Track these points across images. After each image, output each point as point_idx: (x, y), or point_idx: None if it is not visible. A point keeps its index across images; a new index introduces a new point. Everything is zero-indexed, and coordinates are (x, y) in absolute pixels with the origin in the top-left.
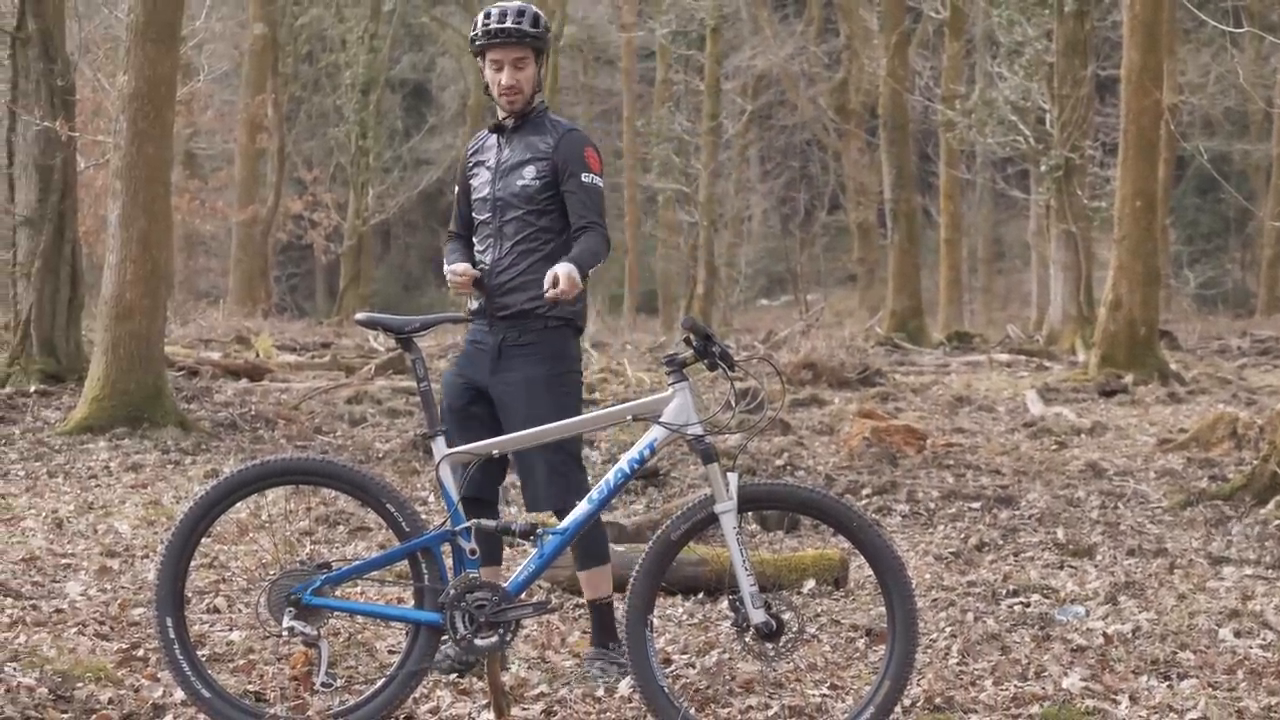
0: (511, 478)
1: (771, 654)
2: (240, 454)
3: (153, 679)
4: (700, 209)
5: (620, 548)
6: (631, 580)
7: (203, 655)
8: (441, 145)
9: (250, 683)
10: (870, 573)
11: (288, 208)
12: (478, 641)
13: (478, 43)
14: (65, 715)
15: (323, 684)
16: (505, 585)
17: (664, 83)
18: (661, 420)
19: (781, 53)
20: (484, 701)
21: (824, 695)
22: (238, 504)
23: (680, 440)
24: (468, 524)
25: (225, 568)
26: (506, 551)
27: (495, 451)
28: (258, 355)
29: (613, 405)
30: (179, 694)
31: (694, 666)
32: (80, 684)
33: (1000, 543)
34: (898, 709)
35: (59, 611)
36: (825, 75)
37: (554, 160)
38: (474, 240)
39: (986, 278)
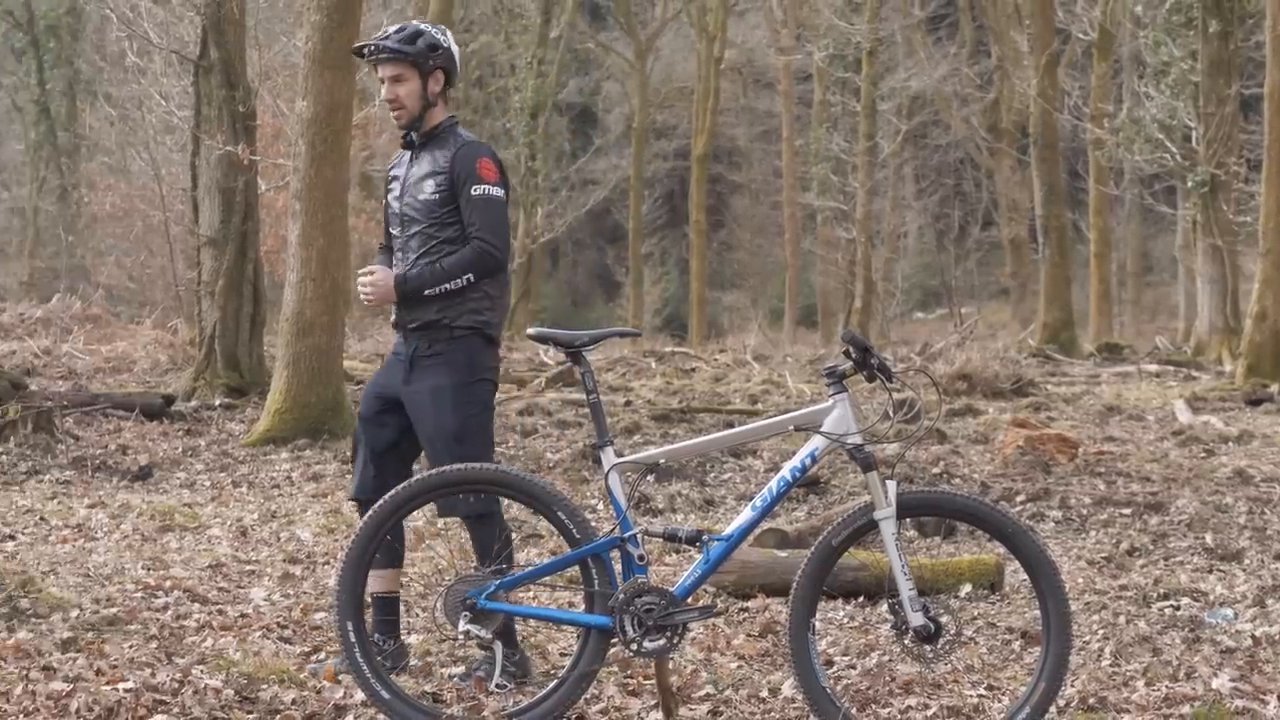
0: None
1: (930, 656)
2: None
3: (334, 681)
4: (858, 226)
5: (783, 553)
6: (795, 585)
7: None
8: (607, 166)
9: (428, 684)
10: (1025, 577)
11: None
12: (646, 644)
13: (367, 61)
14: (250, 716)
15: (497, 685)
16: (673, 590)
17: (821, 104)
18: (822, 430)
19: (935, 74)
20: (652, 702)
21: (981, 696)
22: (415, 512)
23: (840, 449)
24: (636, 530)
25: (403, 573)
26: (673, 557)
27: (663, 460)
28: None
29: (775, 416)
30: (359, 695)
31: (855, 668)
32: (264, 686)
33: (1150, 548)
34: (1052, 709)
35: (244, 616)
36: (977, 96)
37: (450, 173)
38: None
39: (1135, 290)
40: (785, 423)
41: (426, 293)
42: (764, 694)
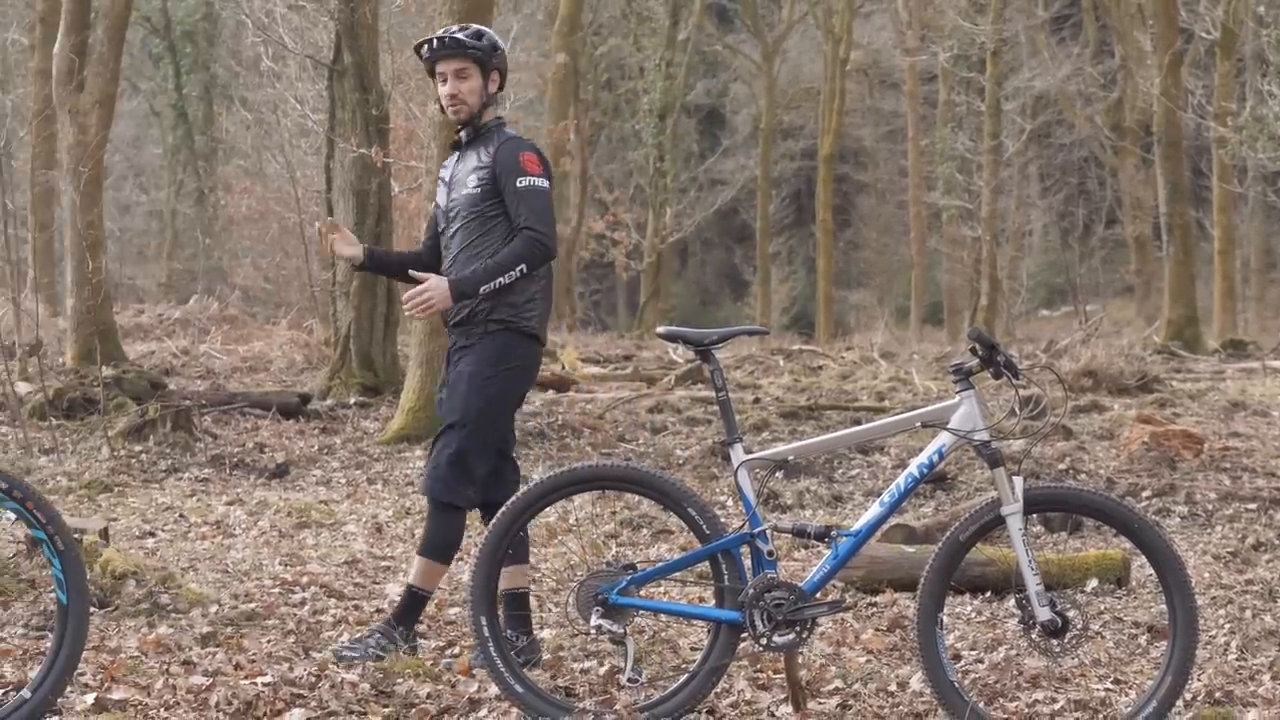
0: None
1: (1057, 650)
2: (548, 461)
3: (468, 675)
4: (983, 224)
5: (911, 549)
6: (922, 580)
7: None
8: (735, 166)
9: (561, 677)
10: (1151, 572)
11: (590, 228)
12: (776, 639)
13: (426, 57)
14: (386, 709)
15: (629, 679)
16: (802, 585)
17: (946, 104)
18: (949, 427)
19: (1059, 74)
20: (782, 696)
21: (1108, 690)
22: (547, 508)
23: (967, 445)
24: (765, 526)
25: (535, 569)
26: (802, 553)
27: (791, 457)
28: (563, 368)
29: (902, 413)
30: (493, 689)
31: (982, 662)
32: (400, 680)
33: (1276, 542)
34: (1178, 703)
35: (379, 611)
36: (1101, 95)
37: (492, 168)
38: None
39: (1259, 287)
40: (912, 419)
41: (483, 289)
42: (892, 688)
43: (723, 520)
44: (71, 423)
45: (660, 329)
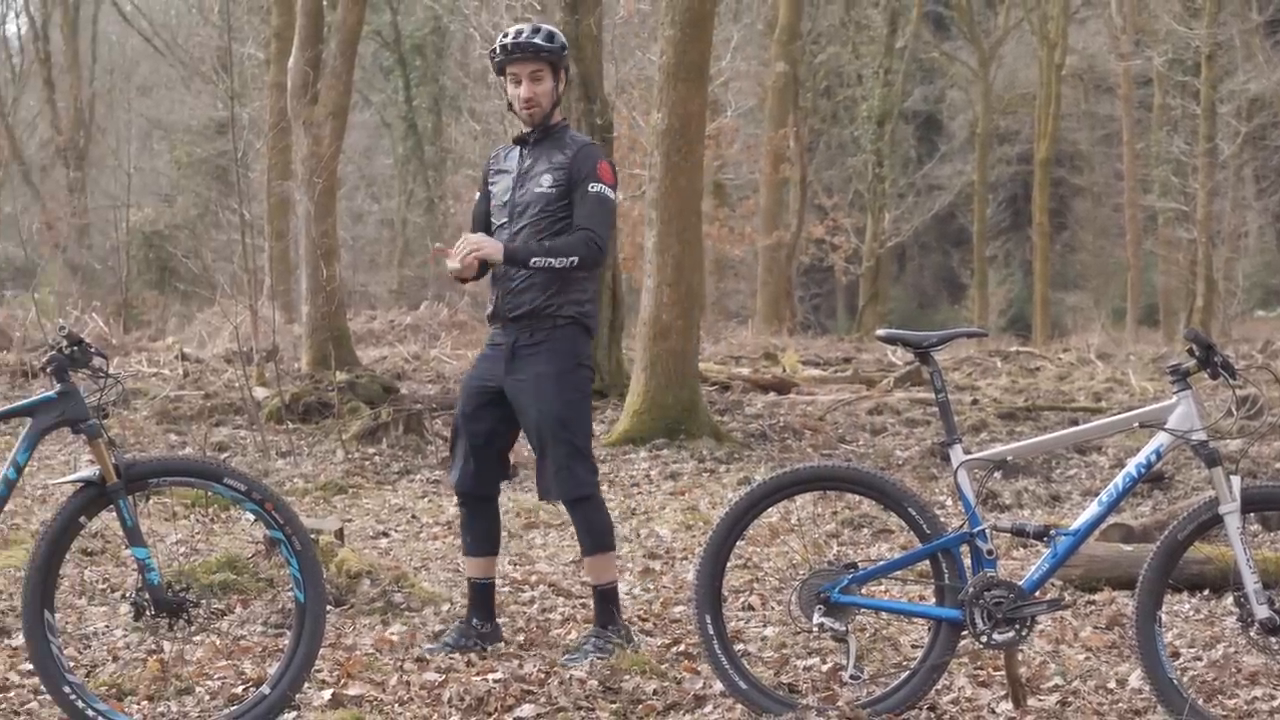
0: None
1: (1276, 648)
2: (770, 463)
3: (693, 672)
4: (1198, 226)
5: (1128, 548)
6: (1141, 578)
7: (739, 650)
8: (952, 171)
9: (784, 675)
10: None
11: (809, 232)
12: (996, 636)
13: (498, 59)
14: (613, 705)
15: (851, 676)
16: (1021, 583)
17: (1161, 108)
18: (1167, 427)
19: (1274, 77)
20: (1002, 692)
21: None
22: (769, 509)
23: (1184, 445)
24: (985, 526)
25: (758, 568)
26: (1020, 552)
27: (1010, 457)
28: (784, 370)
29: (1119, 413)
30: (718, 686)
31: (1201, 659)
32: (627, 676)
33: None
34: None
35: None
36: None
37: (570, 169)
38: None
39: None
40: (1130, 420)
41: (532, 263)
42: (1111, 685)
43: (942, 520)
44: (307, 426)
45: (880, 332)
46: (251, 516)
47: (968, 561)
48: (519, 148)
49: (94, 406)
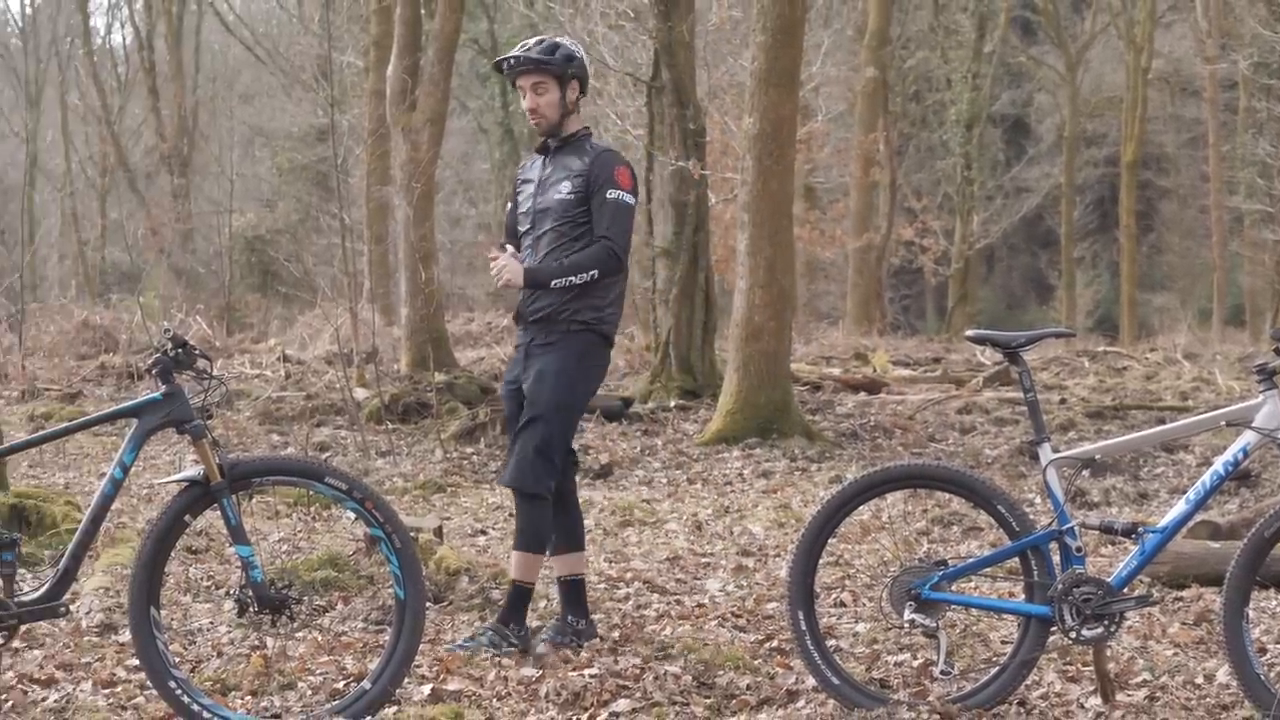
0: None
1: None
2: (861, 461)
3: (786, 667)
4: None
5: (1216, 545)
6: (1228, 574)
7: (831, 645)
8: (1040, 174)
9: (875, 670)
10: None
11: (899, 235)
12: (1084, 632)
13: (504, 73)
14: (707, 700)
15: (941, 672)
16: (1110, 580)
17: (1246, 110)
18: (1253, 425)
19: None
20: (1091, 688)
21: None
22: (861, 507)
23: (1271, 444)
24: (1074, 523)
25: (850, 565)
26: (1109, 549)
27: (1098, 455)
28: (874, 370)
29: (1206, 412)
30: (810, 681)
31: None
32: (721, 671)
33: None
34: None
35: (700, 606)
36: None
37: (587, 176)
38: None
39: None
40: (1217, 418)
41: (553, 284)
42: (1199, 680)
43: (1031, 517)
44: (406, 426)
45: (969, 332)
46: (352, 515)
47: (1056, 558)
48: (542, 156)
49: (198, 407)
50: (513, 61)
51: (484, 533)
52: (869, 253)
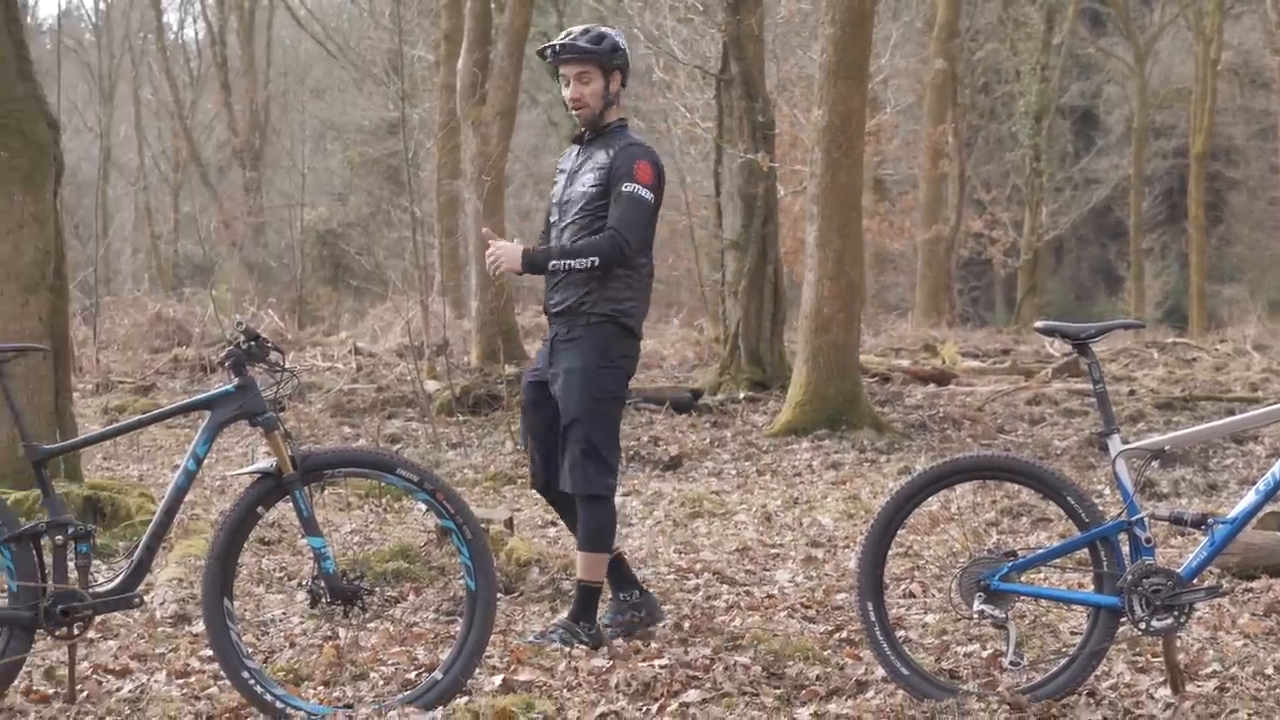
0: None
1: None
2: (930, 453)
3: (855, 658)
4: None
5: None
6: None
7: (900, 636)
8: (1109, 165)
9: (944, 661)
10: None
11: (968, 226)
12: (1154, 623)
13: (548, 61)
14: (777, 690)
15: (1011, 663)
16: (1179, 571)
17: None
18: None
19: None
20: (1160, 679)
21: None
22: (930, 498)
23: None
24: (1143, 514)
25: (919, 556)
26: (1178, 540)
27: (1168, 447)
28: (943, 362)
29: (1276, 403)
30: (880, 671)
31: None
32: (790, 662)
33: None
34: None
35: (769, 597)
36: None
37: (609, 168)
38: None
39: None
40: None
41: (550, 265)
42: (1269, 671)
43: (1101, 508)
44: (477, 418)
45: (1038, 323)
46: (423, 506)
47: (1126, 549)
48: (577, 147)
49: (271, 400)
50: (558, 49)
51: (554, 524)
52: (938, 245)
